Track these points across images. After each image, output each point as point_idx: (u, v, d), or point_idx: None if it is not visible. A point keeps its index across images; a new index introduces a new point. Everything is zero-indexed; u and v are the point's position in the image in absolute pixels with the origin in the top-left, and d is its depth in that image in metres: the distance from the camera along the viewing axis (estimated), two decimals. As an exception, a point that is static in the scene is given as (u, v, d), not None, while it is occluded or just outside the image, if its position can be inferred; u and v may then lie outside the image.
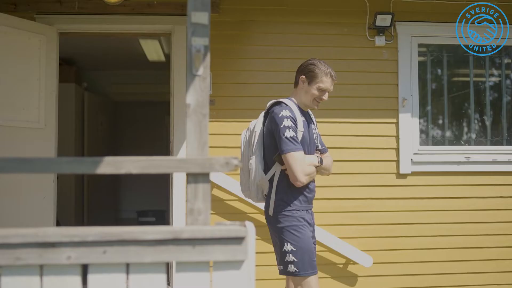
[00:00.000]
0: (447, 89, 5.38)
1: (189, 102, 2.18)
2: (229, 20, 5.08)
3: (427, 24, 5.23)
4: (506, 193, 5.18)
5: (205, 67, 2.21)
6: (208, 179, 2.11)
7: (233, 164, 2.07)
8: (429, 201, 5.12)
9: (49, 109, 4.72)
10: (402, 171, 5.10)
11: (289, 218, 3.18)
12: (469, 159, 5.15)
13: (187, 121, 2.16)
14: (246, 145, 3.45)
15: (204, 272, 2.02)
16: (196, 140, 2.17)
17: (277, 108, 3.24)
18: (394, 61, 5.18)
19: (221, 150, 4.94)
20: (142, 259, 1.97)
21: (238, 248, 2.04)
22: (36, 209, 4.56)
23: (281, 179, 3.22)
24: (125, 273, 1.98)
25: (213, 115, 4.99)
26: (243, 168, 3.39)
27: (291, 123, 3.15)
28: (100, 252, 1.95)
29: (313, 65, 3.34)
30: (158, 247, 1.97)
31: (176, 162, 2.20)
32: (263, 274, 4.75)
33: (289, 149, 3.10)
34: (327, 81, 3.31)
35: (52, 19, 4.86)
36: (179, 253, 1.98)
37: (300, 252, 3.13)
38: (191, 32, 2.20)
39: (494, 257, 5.13)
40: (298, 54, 5.08)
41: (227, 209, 4.95)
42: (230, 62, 5.07)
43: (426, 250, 5.08)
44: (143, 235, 1.95)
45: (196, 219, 2.09)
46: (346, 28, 5.19)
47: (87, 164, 2.09)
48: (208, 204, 2.11)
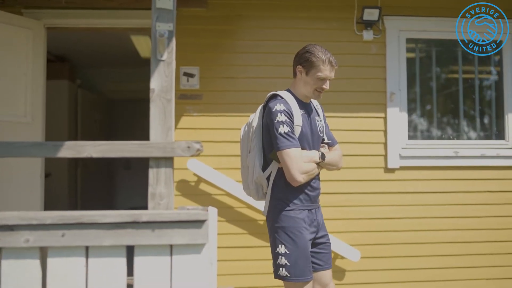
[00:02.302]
0: (436, 84, 5.36)
1: (153, 87, 2.19)
2: (217, 15, 5.08)
3: (415, 19, 5.21)
4: (494, 188, 5.16)
5: (170, 52, 2.21)
6: (170, 163, 2.11)
7: (195, 149, 2.07)
8: (417, 195, 5.10)
9: (36, 103, 4.74)
10: (390, 165, 5.08)
11: (287, 218, 2.97)
12: (457, 154, 5.13)
13: (151, 106, 2.17)
14: (245, 141, 3.23)
15: (164, 256, 2.02)
16: (160, 125, 2.17)
17: (271, 102, 3.02)
18: (382, 55, 5.17)
19: (210, 144, 4.95)
20: (102, 242, 1.98)
21: (198, 232, 2.03)
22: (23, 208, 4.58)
23: (279, 177, 3.02)
24: (84, 257, 1.99)
25: (201, 109, 5.00)
26: (243, 165, 3.21)
27: (285, 118, 2.93)
28: (59, 235, 1.96)
29: (310, 52, 3.06)
30: (117, 231, 1.97)
31: (137, 146, 2.19)
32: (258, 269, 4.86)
33: (283, 145, 2.90)
34: (325, 69, 3.04)
35: (40, 14, 4.87)
36: (139, 237, 1.98)
37: (294, 256, 2.93)
38: (156, 17, 2.21)
39: (482, 251, 5.11)
40: (286, 49, 5.10)
41: (214, 204, 4.94)
42: (218, 56, 5.07)
43: (414, 245, 5.07)
44: (102, 218, 1.96)
45: (158, 203, 2.09)
46: (335, 23, 5.18)
47: (48, 148, 2.10)
48: (170, 189, 2.11)
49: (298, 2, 5.15)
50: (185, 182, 4.93)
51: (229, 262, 4.90)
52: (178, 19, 4.97)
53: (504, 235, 5.14)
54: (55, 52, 7.13)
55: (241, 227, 4.95)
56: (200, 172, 4.89)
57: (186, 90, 4.98)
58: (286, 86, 4.99)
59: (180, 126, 4.95)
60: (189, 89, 4.99)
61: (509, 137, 5.22)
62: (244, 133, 3.25)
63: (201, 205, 4.90)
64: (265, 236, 4.93)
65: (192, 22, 5.04)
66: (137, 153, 2.13)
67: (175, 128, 4.93)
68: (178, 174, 4.91)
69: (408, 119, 5.19)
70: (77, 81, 7.87)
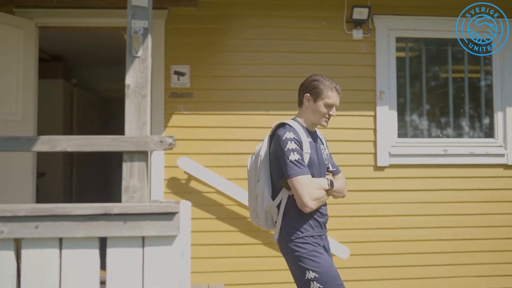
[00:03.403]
0: (426, 83, 5.39)
1: (128, 83, 2.23)
2: (208, 14, 5.12)
3: (405, 18, 5.24)
4: (483, 186, 5.19)
5: (145, 49, 2.26)
6: (144, 157, 2.16)
7: (168, 143, 2.11)
8: (406, 193, 5.14)
9: (27, 102, 4.79)
10: (379, 163, 5.12)
11: (304, 245, 2.99)
12: (446, 152, 5.16)
13: (126, 102, 2.21)
14: (252, 170, 3.25)
15: (136, 247, 2.06)
16: (135, 120, 2.22)
17: (280, 131, 3.06)
18: (372, 54, 5.21)
19: (200, 142, 5.00)
20: (74, 234, 2.02)
21: (169, 224, 2.07)
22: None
23: (289, 205, 3.06)
24: (58, 248, 2.03)
25: (192, 107, 5.04)
26: (251, 194, 3.23)
27: (295, 146, 2.98)
28: (32, 227, 2.00)
29: (317, 81, 3.16)
30: (90, 223, 2.02)
31: (111, 140, 2.23)
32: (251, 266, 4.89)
33: (294, 173, 2.94)
34: (333, 96, 3.15)
35: (32, 13, 4.92)
36: (111, 228, 2.03)
37: (325, 277, 2.93)
38: (131, 14, 2.26)
39: (471, 249, 5.14)
40: (276, 48, 5.15)
41: (205, 201, 4.99)
42: (209, 55, 5.11)
43: (403, 242, 5.10)
44: (74, 210, 2.00)
45: (132, 196, 2.13)
46: (324, 22, 5.21)
47: (23, 142, 2.14)
48: (144, 182, 2.15)
49: (288, 1, 5.19)
50: (176, 180, 4.97)
51: (219, 259, 4.93)
52: (169, 18, 5.04)
53: (493, 233, 5.17)
54: (51, 52, 7.19)
55: (231, 225, 4.98)
56: (190, 170, 4.93)
57: (177, 88, 5.03)
58: (276, 84, 5.10)
59: (170, 125, 4.99)
60: (180, 88, 5.03)
61: (498, 135, 5.25)
62: (251, 163, 3.28)
63: (192, 203, 4.94)
64: (254, 233, 4.98)
65: (183, 21, 5.08)
66: (111, 147, 2.18)
67: (166, 126, 4.98)
68: (169, 172, 4.96)
69: (398, 118, 5.21)
70: (73, 80, 7.92)
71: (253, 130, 5.04)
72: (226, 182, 4.94)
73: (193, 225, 4.91)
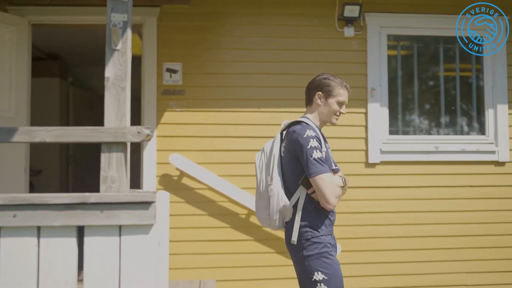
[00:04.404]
0: (417, 80, 5.41)
1: (108, 76, 2.27)
2: (200, 12, 5.16)
3: (397, 15, 5.27)
4: (474, 182, 5.21)
5: (124, 42, 2.30)
6: (122, 148, 2.19)
7: (145, 134, 2.15)
8: (397, 190, 5.16)
9: (20, 99, 4.83)
10: (371, 160, 5.14)
11: (319, 245, 2.94)
12: (437, 149, 5.18)
13: (105, 94, 2.25)
14: (263, 170, 3.15)
15: (113, 236, 2.09)
16: (114, 112, 2.25)
17: (299, 128, 3.01)
18: (363, 51, 5.23)
19: (192, 139, 5.04)
20: (52, 223, 2.05)
21: (145, 213, 2.11)
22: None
23: (307, 203, 2.99)
24: (36, 237, 2.07)
25: (184, 104, 5.08)
26: (260, 195, 3.13)
27: (317, 143, 2.94)
28: (10, 215, 2.04)
29: (327, 79, 3.15)
30: (67, 212, 2.05)
31: (89, 131, 2.27)
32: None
33: (318, 171, 2.89)
34: (344, 93, 3.15)
35: (25, 10, 4.96)
36: (88, 217, 2.06)
37: (333, 281, 2.91)
38: (111, 8, 2.30)
39: (462, 245, 5.16)
40: (268, 45, 5.19)
41: (197, 198, 5.02)
42: (201, 53, 5.14)
43: (394, 239, 5.12)
44: (52, 199, 2.04)
45: (110, 186, 2.17)
46: (316, 19, 5.24)
47: (3, 133, 2.18)
48: (122, 173, 2.19)
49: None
50: (168, 176, 5.00)
51: (211, 255, 4.96)
52: (161, 15, 5.07)
53: (483, 229, 5.19)
54: (47, 50, 7.23)
55: (223, 221, 5.02)
56: (182, 166, 4.96)
57: (169, 85, 5.06)
58: (268, 82, 5.13)
59: (163, 121, 5.03)
60: (172, 85, 5.06)
61: (489, 132, 5.27)
62: (260, 162, 3.21)
63: (184, 199, 4.98)
64: (246, 229, 5.01)
65: (176, 19, 5.11)
66: (89, 138, 2.21)
67: (158, 123, 5.01)
68: (161, 168, 5.00)
69: (389, 115, 5.24)
70: (69, 79, 7.96)
71: (245, 127, 5.08)
72: (218, 178, 4.97)
73: (185, 222, 4.97)
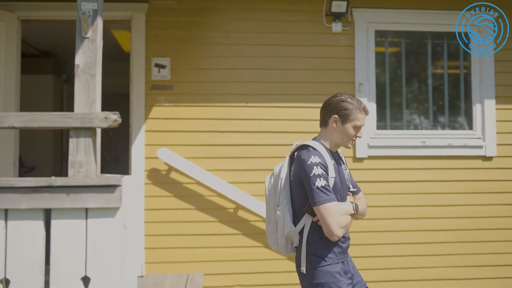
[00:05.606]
0: (405, 75, 5.43)
1: (78, 63, 2.32)
2: (189, 7, 5.19)
3: (384, 11, 5.29)
4: (462, 177, 5.22)
5: (94, 30, 2.33)
6: (89, 134, 2.23)
7: (112, 119, 2.18)
8: (385, 184, 5.18)
9: (9, 94, 4.87)
10: (358, 155, 5.17)
11: (325, 274, 2.84)
12: (425, 143, 5.20)
13: (75, 81, 2.29)
14: (271, 194, 3.07)
15: (79, 219, 2.13)
16: (84, 98, 2.29)
17: (304, 154, 2.88)
18: (351, 47, 5.26)
19: (180, 134, 5.07)
20: (19, 206, 2.09)
21: (111, 196, 2.14)
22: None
23: (312, 231, 2.90)
24: (3, 220, 2.10)
25: (172, 99, 5.11)
26: (269, 219, 3.06)
27: (321, 171, 2.81)
28: (-22, 198, 2.08)
29: (345, 102, 2.94)
30: (34, 195, 2.09)
31: (58, 117, 2.31)
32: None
33: (321, 200, 2.77)
34: (362, 118, 2.95)
35: (14, 6, 5.00)
36: (54, 200, 2.10)
37: None
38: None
39: (450, 239, 5.17)
40: (257, 40, 5.22)
41: (185, 192, 5.05)
42: (190, 48, 5.18)
43: (381, 233, 5.14)
44: (18, 182, 2.08)
45: (78, 171, 2.20)
46: (304, 15, 5.27)
47: (-29, 118, 2.22)
48: (90, 158, 2.22)
49: (268, -6, 5.26)
50: (156, 171, 5.04)
51: (199, 249, 4.99)
52: (150, 11, 5.11)
53: (471, 224, 5.20)
54: (40, 48, 7.27)
55: (211, 215, 5.04)
56: (170, 161, 4.99)
57: (157, 81, 5.10)
58: (256, 77, 5.17)
59: (151, 116, 5.06)
60: (160, 80, 5.10)
61: (476, 127, 5.28)
62: (270, 186, 3.11)
63: (173, 194, 5.02)
64: (234, 224, 5.05)
65: (164, 14, 5.15)
66: (57, 123, 2.25)
67: (147, 118, 5.05)
68: (149, 163, 5.03)
69: (377, 110, 5.26)
70: (63, 76, 8.01)
71: (233, 122, 5.11)
72: (206, 173, 5.00)
73: (173, 216, 5.00)
